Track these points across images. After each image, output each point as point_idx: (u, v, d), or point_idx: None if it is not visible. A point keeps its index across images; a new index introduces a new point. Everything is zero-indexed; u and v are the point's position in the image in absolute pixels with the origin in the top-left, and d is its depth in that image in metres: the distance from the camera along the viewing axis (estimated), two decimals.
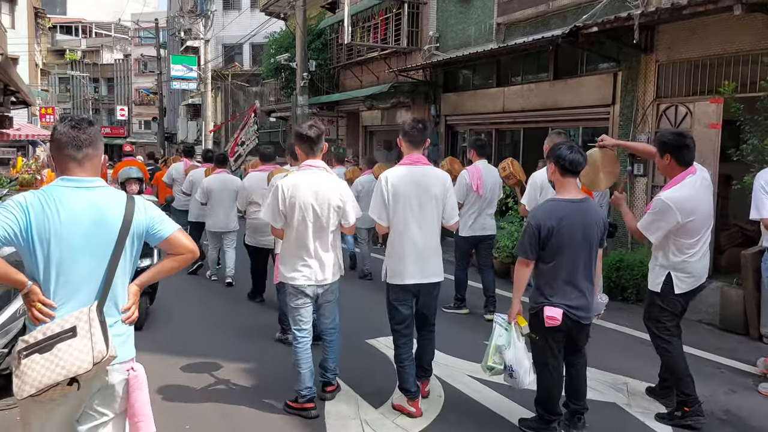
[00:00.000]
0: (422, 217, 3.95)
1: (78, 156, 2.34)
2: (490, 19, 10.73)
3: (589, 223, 3.55)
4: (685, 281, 3.97)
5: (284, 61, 16.29)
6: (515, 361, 3.63)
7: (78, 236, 2.27)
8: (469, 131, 12.01)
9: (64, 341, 2.19)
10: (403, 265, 3.96)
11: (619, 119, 8.37)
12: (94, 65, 54.41)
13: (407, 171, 3.99)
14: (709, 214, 4.00)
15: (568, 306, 3.54)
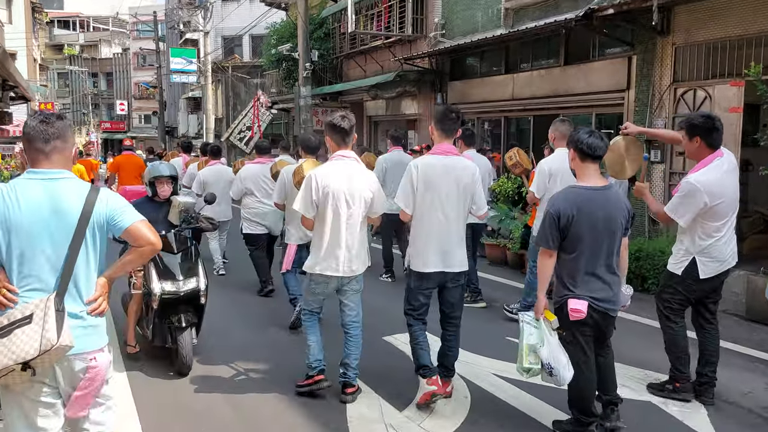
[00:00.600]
0: (449, 207, 3.92)
1: (46, 149, 2.44)
2: (498, 4, 10.48)
3: (612, 212, 3.39)
4: (710, 266, 3.91)
5: (286, 52, 16.03)
6: (552, 357, 3.42)
7: (37, 226, 2.37)
8: (477, 119, 11.79)
9: (20, 327, 2.26)
10: (427, 254, 3.94)
11: (635, 104, 8.15)
12: (93, 60, 54.09)
13: (438, 160, 3.94)
14: (736, 198, 3.95)
15: (593, 298, 3.39)
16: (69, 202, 2.43)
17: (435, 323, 4.29)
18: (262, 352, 5.20)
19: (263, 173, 6.94)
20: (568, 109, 9.46)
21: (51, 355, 2.26)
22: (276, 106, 21.40)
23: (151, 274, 4.61)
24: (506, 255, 8.64)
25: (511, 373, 4.52)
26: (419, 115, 13.37)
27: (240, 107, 26.65)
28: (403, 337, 5.37)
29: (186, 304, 4.70)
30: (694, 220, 3.85)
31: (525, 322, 3.60)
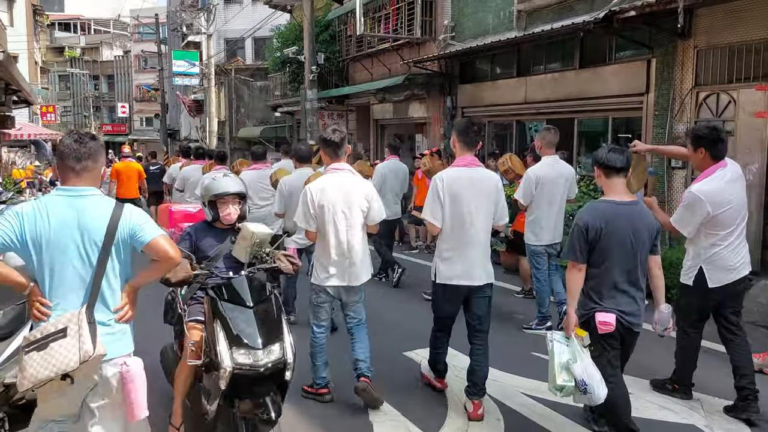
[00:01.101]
0: (478, 219, 3.94)
1: (77, 167, 2.58)
2: (510, 6, 10.29)
3: (639, 227, 3.38)
4: (717, 274, 3.96)
5: (292, 55, 15.84)
6: (586, 374, 3.30)
7: (66, 242, 2.52)
8: (487, 123, 11.60)
9: (56, 341, 2.41)
10: (456, 266, 3.96)
11: (654, 108, 7.96)
12: (94, 62, 53.95)
13: (463, 173, 3.97)
14: (742, 206, 3.99)
15: (620, 311, 3.36)
16: (95, 219, 2.56)
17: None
18: None
19: (259, 179, 6.94)
20: (583, 113, 9.27)
21: (89, 364, 2.42)
22: (280, 110, 21.23)
23: (217, 337, 3.08)
24: (522, 263, 8.42)
25: (541, 392, 4.34)
26: (428, 119, 13.18)
27: (243, 110, 26.49)
28: (424, 352, 5.18)
29: (266, 381, 3.09)
30: (699, 229, 3.93)
31: (555, 340, 3.49)
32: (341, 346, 4.87)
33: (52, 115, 33.33)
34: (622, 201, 3.40)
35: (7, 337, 3.75)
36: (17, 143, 23.10)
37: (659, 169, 7.86)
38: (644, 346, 4.03)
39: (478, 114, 11.68)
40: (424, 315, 6.30)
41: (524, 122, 10.86)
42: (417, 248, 10.55)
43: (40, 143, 26.79)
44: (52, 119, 33.51)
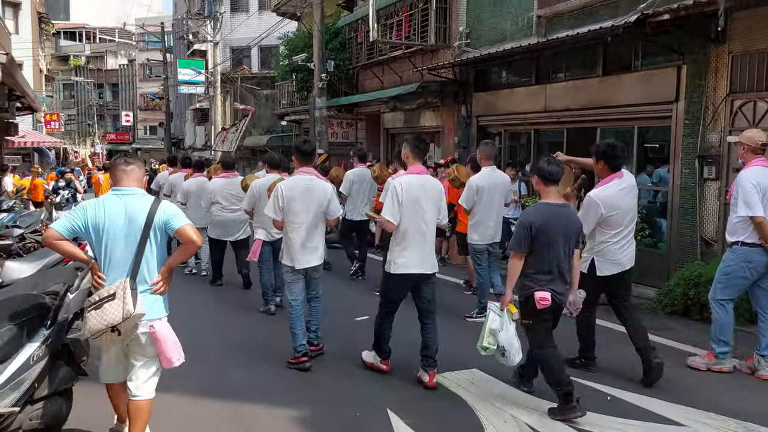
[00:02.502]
0: (428, 217, 4.67)
1: (126, 171, 3.47)
2: (529, 12, 9.97)
3: (568, 225, 4.20)
4: (605, 265, 4.78)
5: (301, 62, 15.54)
6: (507, 342, 4.21)
7: (116, 229, 3.36)
8: (504, 132, 11.26)
9: (108, 302, 3.24)
10: (409, 258, 4.62)
11: (685, 117, 7.60)
12: (99, 71, 53.90)
13: (417, 180, 4.70)
14: (630, 211, 4.85)
15: (554, 291, 4.10)
16: (138, 211, 3.39)
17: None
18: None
19: (227, 186, 7.94)
20: (606, 122, 8.92)
21: (130, 320, 3.24)
22: (287, 118, 20.93)
23: None
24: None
25: (587, 423, 3.96)
26: (441, 128, 12.85)
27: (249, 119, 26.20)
28: (453, 376, 4.85)
29: None
30: (594, 227, 4.78)
31: (491, 310, 4.34)
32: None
33: (56, 123, 33.18)
34: (557, 204, 4.23)
35: (3, 360, 3.38)
36: (20, 151, 22.85)
37: (690, 182, 7.51)
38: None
39: (494, 123, 11.35)
40: (449, 332, 5.93)
41: (543, 131, 10.51)
42: None
43: (44, 151, 26.55)
44: (56, 127, 33.35)
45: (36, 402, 3.54)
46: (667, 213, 7.88)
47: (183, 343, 3.50)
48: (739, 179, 4.97)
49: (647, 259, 7.97)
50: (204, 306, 7.35)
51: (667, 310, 6.71)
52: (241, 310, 7.13)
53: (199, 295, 7.95)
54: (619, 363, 5.21)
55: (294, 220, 4.99)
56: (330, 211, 5.14)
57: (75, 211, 3.45)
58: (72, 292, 4.39)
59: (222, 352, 5.59)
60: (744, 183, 4.86)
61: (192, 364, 4.93)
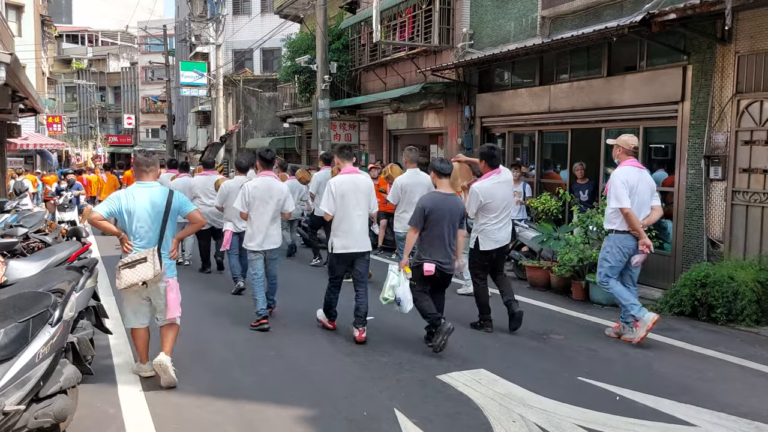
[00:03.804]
0: (358, 208, 5.82)
1: (147, 170, 4.76)
2: (533, 13, 9.96)
3: (454, 210, 5.48)
4: (486, 242, 6.03)
5: (304, 64, 15.52)
6: (402, 295, 5.37)
7: (144, 212, 4.60)
8: (508, 133, 11.23)
9: (140, 263, 4.50)
10: (346, 240, 5.78)
11: (690, 117, 7.57)
12: (101, 74, 53.94)
13: (348, 178, 5.86)
14: (504, 200, 6.07)
15: (438, 262, 5.40)
16: (159, 200, 4.65)
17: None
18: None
19: (207, 183, 9.25)
20: (611, 123, 8.88)
21: (156, 277, 4.52)
22: (289, 120, 20.92)
23: None
24: (549, 278, 8.02)
25: (599, 423, 3.92)
26: (444, 129, 12.82)
27: (251, 121, 26.20)
28: (460, 376, 4.81)
29: None
30: (477, 212, 6.01)
31: (392, 270, 5.50)
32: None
33: (59, 125, 33.19)
34: (446, 193, 5.53)
35: (9, 358, 3.35)
36: (23, 153, 22.84)
37: (696, 183, 7.48)
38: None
39: (498, 124, 11.32)
40: (455, 332, 5.91)
41: (547, 132, 10.48)
42: None
43: (46, 153, 26.55)
44: (59, 130, 33.35)
45: (41, 400, 3.51)
46: (674, 214, 7.84)
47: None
48: (612, 177, 5.81)
49: (653, 261, 7.94)
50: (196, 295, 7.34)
51: (674, 310, 6.66)
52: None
53: (189, 283, 8.13)
54: (626, 363, 5.18)
55: (257, 213, 6.25)
56: (285, 207, 6.45)
57: (111, 199, 4.63)
58: (77, 291, 4.37)
59: (223, 348, 5.56)
60: (615, 180, 5.71)
61: (196, 362, 4.99)
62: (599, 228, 7.49)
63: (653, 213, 5.81)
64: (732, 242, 7.10)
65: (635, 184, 5.69)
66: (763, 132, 6.83)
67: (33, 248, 6.14)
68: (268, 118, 25.01)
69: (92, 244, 8.36)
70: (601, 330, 6.17)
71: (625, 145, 5.88)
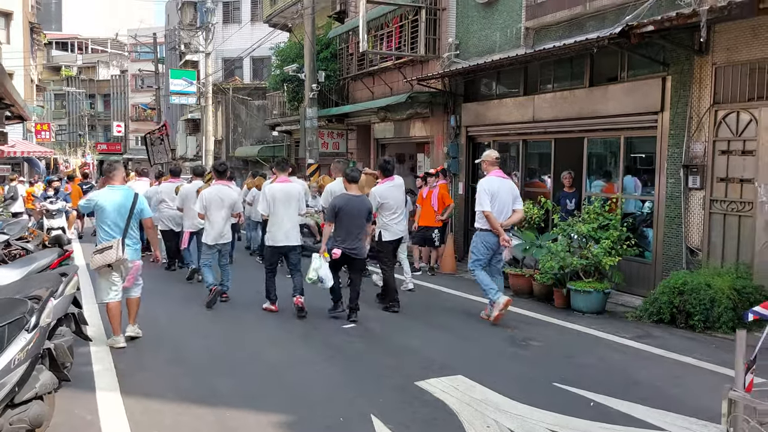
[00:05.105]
0: (288, 209, 7.18)
1: (111, 176, 6.05)
2: (518, 24, 10.08)
3: (360, 207, 6.86)
4: (386, 235, 7.59)
5: (292, 72, 15.60)
6: (324, 274, 6.63)
7: (113, 209, 5.78)
8: (493, 142, 11.32)
9: (107, 250, 5.64)
10: (279, 236, 7.15)
11: (670, 127, 7.69)
12: (90, 81, 53.81)
13: (279, 186, 7.31)
14: (397, 200, 7.69)
15: (346, 248, 6.74)
16: (125, 199, 5.86)
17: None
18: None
19: (172, 189, 10.07)
20: (594, 132, 9.00)
21: (119, 261, 5.67)
22: (278, 128, 20.96)
23: None
24: (532, 286, 8.10)
25: (571, 428, 3.98)
26: (430, 138, 12.91)
27: (240, 129, 26.22)
28: (437, 382, 4.85)
29: None
30: (379, 211, 7.53)
31: (314, 256, 6.73)
32: None
33: (47, 133, 33.03)
34: (354, 194, 6.90)
35: None
36: (10, 160, 22.73)
37: (676, 191, 7.59)
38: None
39: (483, 133, 11.42)
40: (432, 338, 5.95)
41: (531, 141, 10.59)
42: (420, 270, 10.19)
43: (34, 161, 26.41)
44: (47, 137, 33.20)
45: (17, 406, 3.52)
46: (654, 223, 7.94)
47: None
48: (478, 185, 7.15)
49: (634, 269, 8.05)
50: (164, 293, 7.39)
51: (652, 318, 6.75)
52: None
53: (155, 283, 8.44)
54: (602, 369, 5.25)
55: (213, 214, 7.61)
56: (235, 209, 7.96)
57: (89, 198, 5.96)
58: (56, 297, 4.37)
59: (202, 354, 5.58)
60: (479, 187, 6.94)
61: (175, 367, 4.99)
62: (580, 236, 7.59)
63: (514, 215, 6.92)
64: (710, 250, 7.21)
65: (496, 191, 6.75)
66: (739, 142, 6.95)
67: (14, 255, 6.14)
68: (258, 126, 25.05)
69: (74, 251, 8.36)
70: (582, 336, 6.24)
71: (489, 158, 7.04)
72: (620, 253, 7.40)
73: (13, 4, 26.69)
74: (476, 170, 11.96)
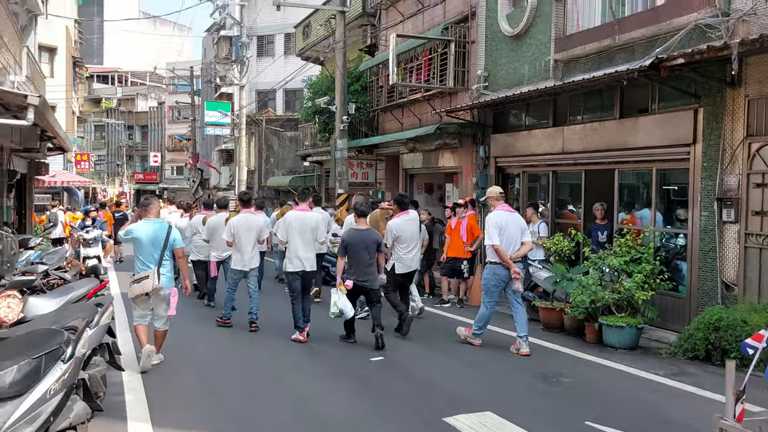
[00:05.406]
0: (305, 237, 7.60)
1: (147, 210, 6.42)
2: (546, 56, 10.13)
3: (369, 241, 7.22)
4: (400, 267, 7.95)
5: (324, 105, 15.88)
6: (343, 306, 7.01)
7: (149, 240, 6.17)
8: (522, 173, 11.31)
9: (144, 279, 6.10)
10: (295, 262, 7.54)
11: (702, 160, 7.59)
12: (129, 113, 55.43)
13: (298, 214, 7.71)
14: (412, 234, 8.08)
15: (358, 279, 7.14)
16: (159, 233, 6.24)
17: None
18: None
19: (197, 222, 10.52)
20: (624, 164, 8.94)
21: (155, 290, 6.09)
22: (309, 159, 21.27)
23: None
24: (563, 320, 7.98)
25: None
26: (459, 168, 12.95)
27: (273, 159, 26.66)
28: (466, 418, 4.80)
29: None
30: (393, 244, 7.92)
31: (333, 291, 7.17)
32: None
33: (86, 163, 34.02)
34: (363, 228, 7.38)
35: (21, 394, 3.46)
36: (50, 190, 23.44)
37: (710, 224, 7.45)
38: None
39: (513, 164, 11.42)
40: (461, 373, 5.89)
41: (561, 173, 10.55)
42: (449, 302, 10.14)
43: (73, 190, 27.20)
44: (86, 167, 34.19)
45: None
46: (687, 257, 7.79)
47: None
48: (486, 220, 7.39)
49: (668, 303, 7.88)
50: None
51: (687, 354, 6.59)
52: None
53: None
54: (635, 407, 5.12)
55: (241, 241, 7.99)
56: (262, 236, 8.35)
57: (128, 231, 6.34)
58: (91, 328, 4.49)
59: (231, 383, 5.62)
60: (488, 222, 7.19)
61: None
62: (612, 270, 7.49)
63: (523, 247, 7.11)
64: (746, 285, 7.03)
65: (504, 225, 6.99)
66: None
67: (53, 285, 6.31)
68: (289, 156, 25.44)
69: (110, 281, 8.56)
70: (614, 373, 6.12)
71: (493, 194, 7.37)
72: (653, 287, 7.28)
73: (57, 40, 27.76)
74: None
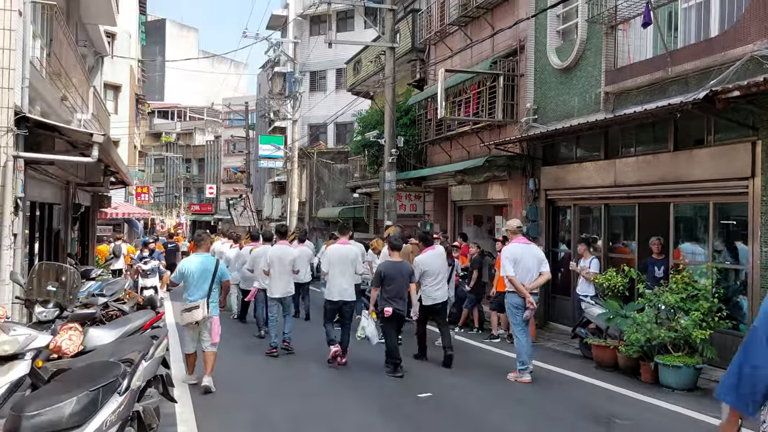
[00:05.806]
0: (344, 270, 8.12)
1: (200, 245, 7.38)
2: (597, 89, 10.04)
3: (403, 271, 7.76)
4: (427, 299, 8.19)
5: (373, 138, 16.13)
6: (370, 332, 7.66)
7: (199, 274, 6.88)
8: (573, 206, 11.14)
9: (195, 309, 6.75)
10: (334, 292, 8.09)
11: (762, 194, 7.32)
12: (187, 146, 57.45)
13: (339, 248, 8.38)
14: (439, 267, 8.37)
15: (395, 308, 7.59)
16: (208, 266, 6.96)
17: None
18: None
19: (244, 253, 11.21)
20: (679, 198, 8.70)
21: (204, 319, 6.76)
22: (358, 191, 21.52)
23: None
24: (617, 358, 7.74)
25: None
26: (508, 201, 12.86)
27: (323, 191, 27.09)
28: None
29: None
30: (421, 277, 8.14)
31: (363, 316, 7.82)
32: None
33: (146, 195, 35.33)
34: (397, 261, 7.88)
35: (80, 425, 3.59)
36: (111, 221, 24.41)
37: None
38: None
39: (563, 197, 11.28)
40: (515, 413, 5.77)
41: (614, 205, 10.34)
42: (498, 337, 9.99)
43: (133, 221, 28.26)
44: (146, 199, 35.49)
45: None
46: (748, 293, 7.48)
47: None
48: (501, 252, 7.79)
49: (728, 342, 7.54)
50: None
51: None
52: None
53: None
54: None
55: (276, 270, 8.66)
56: (295, 266, 8.93)
57: (179, 267, 7.12)
58: (146, 360, 4.64)
59: (279, 415, 5.67)
60: (502, 255, 7.56)
61: None
62: (668, 307, 7.24)
63: (540, 278, 7.40)
64: None
65: (519, 257, 7.31)
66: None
67: (111, 316, 6.56)
68: (339, 188, 25.81)
69: (165, 312, 8.83)
70: (671, 415, 5.88)
71: (511, 227, 7.83)
72: (711, 325, 7.00)
73: (121, 78, 29.19)
74: (556, 234, 11.77)
